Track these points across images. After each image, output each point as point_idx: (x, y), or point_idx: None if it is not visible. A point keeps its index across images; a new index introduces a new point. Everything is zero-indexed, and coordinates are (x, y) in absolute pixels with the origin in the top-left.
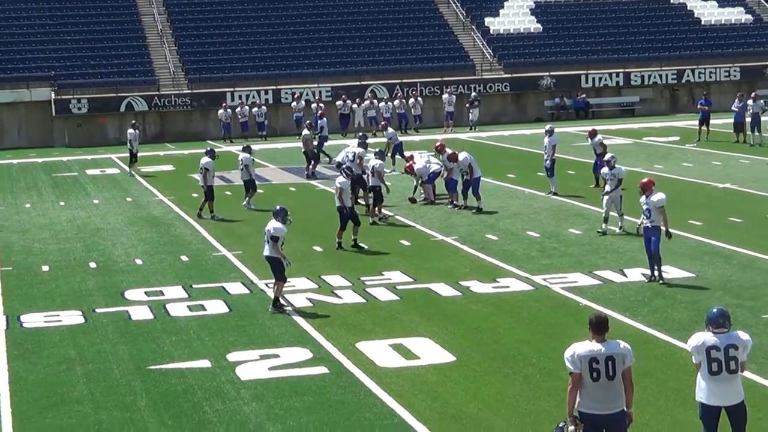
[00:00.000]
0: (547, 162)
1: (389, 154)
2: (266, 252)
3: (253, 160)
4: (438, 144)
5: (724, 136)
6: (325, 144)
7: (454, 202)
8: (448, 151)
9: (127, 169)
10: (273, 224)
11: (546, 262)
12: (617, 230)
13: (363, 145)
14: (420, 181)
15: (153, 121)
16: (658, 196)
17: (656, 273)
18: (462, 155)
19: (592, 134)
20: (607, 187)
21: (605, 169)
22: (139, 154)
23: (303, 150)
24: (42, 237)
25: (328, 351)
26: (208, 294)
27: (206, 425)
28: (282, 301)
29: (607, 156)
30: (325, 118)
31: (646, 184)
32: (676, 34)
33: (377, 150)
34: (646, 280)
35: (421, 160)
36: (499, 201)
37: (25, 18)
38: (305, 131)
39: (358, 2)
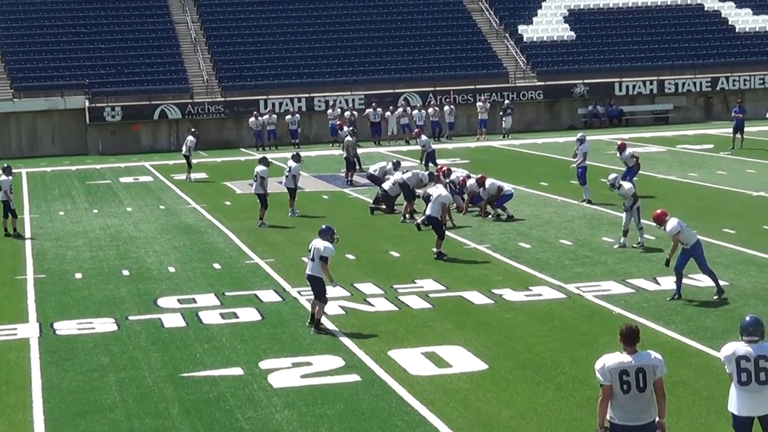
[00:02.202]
0: (579, 170)
1: (422, 162)
2: (308, 271)
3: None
4: (444, 168)
5: (759, 144)
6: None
7: (487, 211)
8: (464, 174)
9: (184, 176)
10: (322, 243)
11: (579, 270)
12: (636, 245)
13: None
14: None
15: (186, 129)
16: (670, 225)
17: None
18: (489, 182)
19: (622, 148)
20: (625, 204)
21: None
22: (172, 163)
23: (345, 156)
24: (75, 245)
25: (360, 359)
26: (240, 302)
27: None
28: (323, 323)
29: (611, 177)
30: (345, 128)
31: (659, 217)
32: (711, 42)
33: (446, 182)
34: (669, 298)
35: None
36: (531, 209)
37: (59, 26)
38: (348, 137)
39: (392, 10)
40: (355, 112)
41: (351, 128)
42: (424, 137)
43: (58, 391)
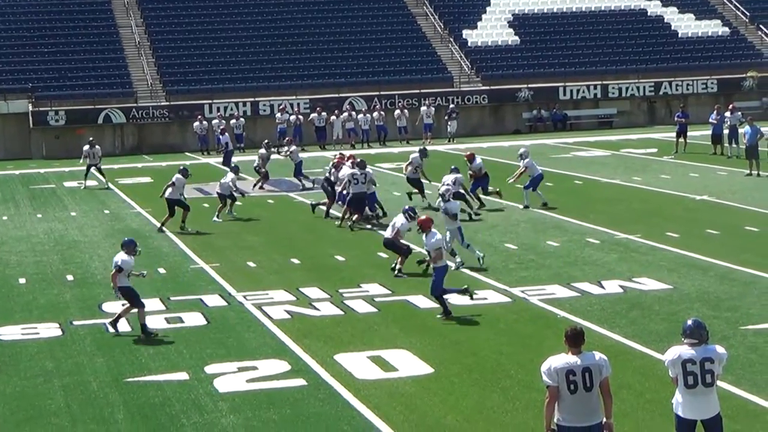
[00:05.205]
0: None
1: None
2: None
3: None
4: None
5: (702, 148)
6: (272, 158)
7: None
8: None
9: (104, 180)
10: (121, 256)
11: (524, 274)
12: (455, 263)
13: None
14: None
15: (131, 133)
16: (434, 238)
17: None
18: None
19: (471, 158)
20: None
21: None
22: (117, 167)
23: (255, 166)
24: (19, 249)
25: (306, 363)
26: (185, 306)
27: None
28: (149, 327)
29: (442, 189)
30: (226, 134)
31: (423, 223)
32: (654, 47)
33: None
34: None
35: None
36: None
37: (2, 30)
38: (262, 150)
39: (337, 15)
40: (300, 116)
41: (266, 141)
42: (293, 146)
43: (2, 397)
